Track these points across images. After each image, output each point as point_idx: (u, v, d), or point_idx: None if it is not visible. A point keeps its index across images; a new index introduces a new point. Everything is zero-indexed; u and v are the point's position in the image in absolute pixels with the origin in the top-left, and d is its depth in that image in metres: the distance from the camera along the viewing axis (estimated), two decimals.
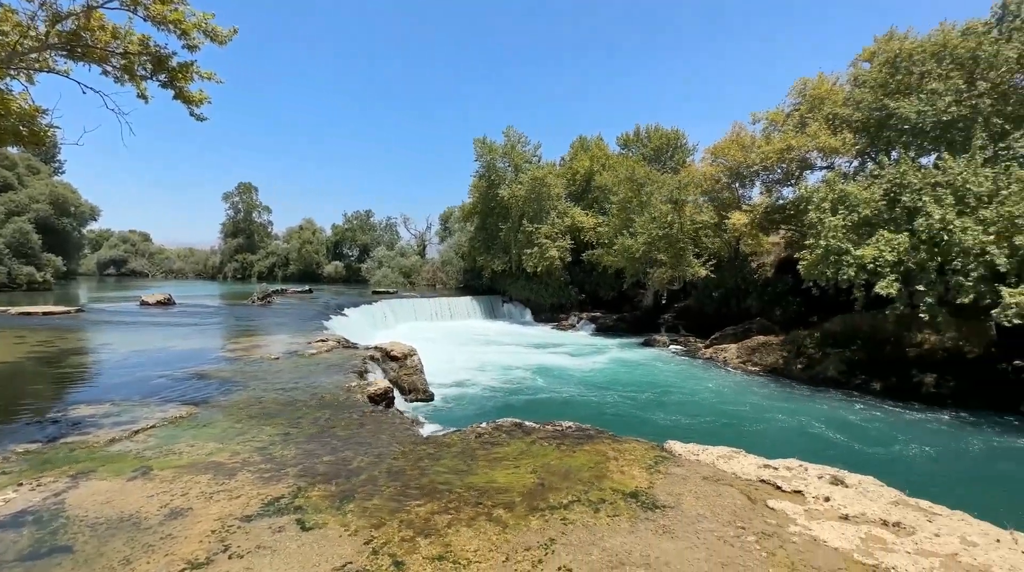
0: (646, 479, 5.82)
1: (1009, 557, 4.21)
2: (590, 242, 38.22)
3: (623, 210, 34.19)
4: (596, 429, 7.89)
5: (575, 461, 6.37)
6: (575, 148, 49.38)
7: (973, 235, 15.94)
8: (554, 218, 40.27)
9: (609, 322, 36.38)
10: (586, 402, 17.30)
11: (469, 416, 13.83)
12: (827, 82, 27.54)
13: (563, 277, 41.05)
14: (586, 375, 21.42)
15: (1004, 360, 17.68)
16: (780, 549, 4.34)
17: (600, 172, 42.32)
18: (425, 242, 73.86)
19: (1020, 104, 18.86)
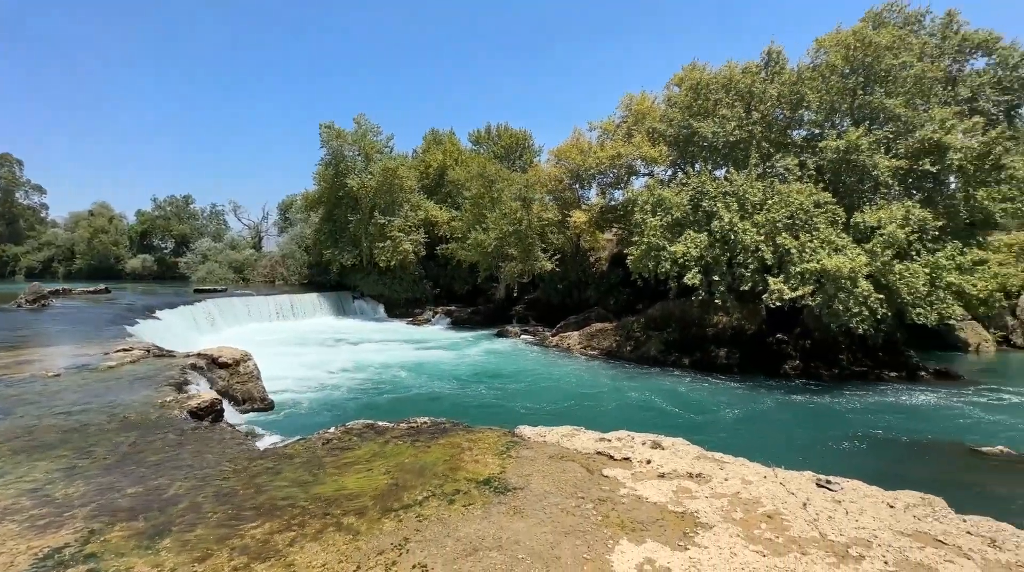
0: (498, 465, 6.06)
1: (772, 489, 5.37)
2: (444, 236, 38.34)
3: (476, 206, 34.96)
4: (451, 422, 7.96)
5: (430, 456, 6.35)
6: (428, 142, 48.88)
7: (750, 235, 19.86)
8: (407, 211, 39.42)
9: (464, 316, 37.01)
10: (443, 396, 17.37)
11: (317, 422, 12.85)
12: (648, 99, 31.65)
13: (417, 271, 40.50)
14: (442, 369, 21.49)
15: (771, 334, 22.47)
16: (612, 511, 4.90)
17: (453, 167, 42.59)
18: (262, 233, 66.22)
19: (780, 132, 24.00)
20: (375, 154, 40.94)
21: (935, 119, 20.22)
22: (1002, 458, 11.92)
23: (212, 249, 56.74)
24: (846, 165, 20.80)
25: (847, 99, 21.99)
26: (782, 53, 24.33)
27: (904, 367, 20.92)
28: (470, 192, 35.76)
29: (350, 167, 40.12)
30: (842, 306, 17.78)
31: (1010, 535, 4.47)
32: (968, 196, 20.12)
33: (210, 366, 12.75)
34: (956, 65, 24.55)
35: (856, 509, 4.92)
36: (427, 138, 49.33)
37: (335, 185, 40.68)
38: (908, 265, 18.47)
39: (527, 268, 32.49)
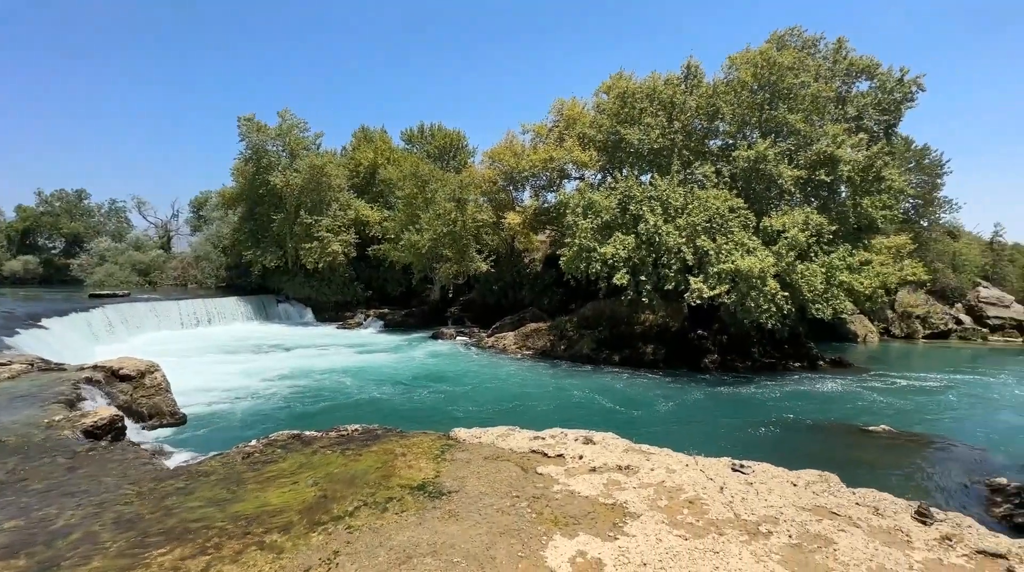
0: (433, 469, 5.98)
1: (693, 476, 5.72)
2: (376, 237, 37.21)
3: (409, 206, 34.29)
4: (384, 428, 7.75)
5: (361, 465, 6.14)
6: (358, 139, 47.28)
7: (673, 238, 21.06)
8: (336, 210, 37.86)
9: (398, 318, 36.17)
10: (377, 401, 16.86)
11: (237, 436, 12.00)
12: (578, 105, 32.64)
13: (348, 273, 39.02)
14: (376, 373, 20.86)
15: (693, 330, 23.93)
16: (546, 507, 4.99)
17: (385, 166, 41.49)
18: (171, 232, 60.77)
19: (698, 141, 25.66)
20: (301, 150, 38.97)
21: (828, 134, 22.56)
22: (885, 436, 13.50)
23: (112, 249, 51.12)
24: (755, 174, 22.64)
25: (756, 113, 23.95)
26: (700, 67, 26.05)
27: (806, 357, 23.11)
28: (403, 192, 35.01)
29: (273, 163, 37.89)
30: (753, 303, 19.32)
31: (889, 503, 5.07)
32: (855, 204, 22.61)
33: (109, 379, 11.50)
34: (845, 86, 27.53)
35: (765, 489, 5.36)
36: (357, 135, 47.69)
37: (256, 182, 38.24)
38: (808, 265, 20.45)
39: (462, 269, 32.35)
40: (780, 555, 4.16)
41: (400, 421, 13.06)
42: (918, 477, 10.94)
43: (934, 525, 4.59)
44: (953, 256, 36.48)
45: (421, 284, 37.47)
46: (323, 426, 7.97)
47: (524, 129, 34.67)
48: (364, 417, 10.97)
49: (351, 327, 35.35)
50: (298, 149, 38.79)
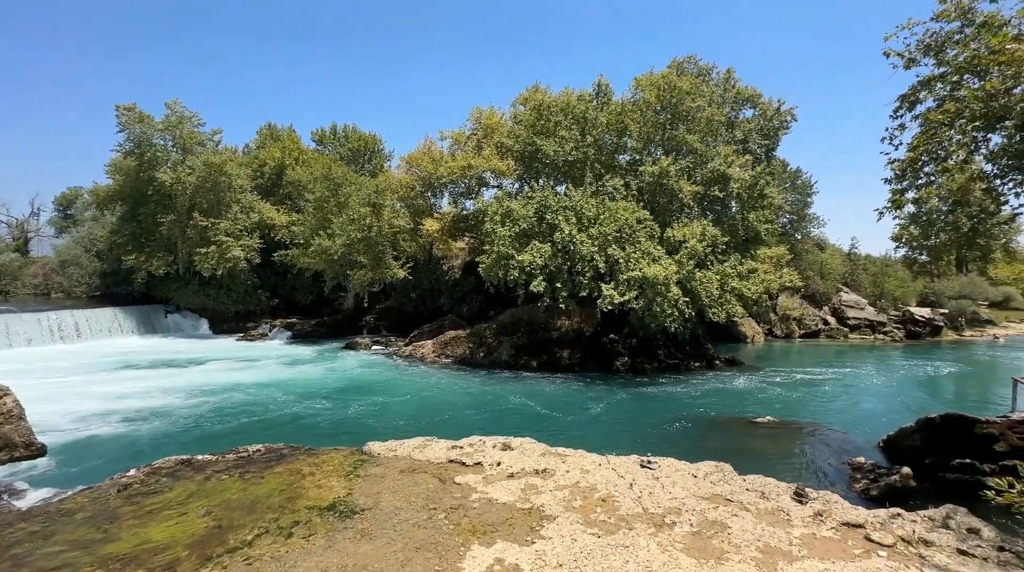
0: (345, 487, 5.68)
1: (606, 474, 5.97)
2: (283, 242, 34.81)
3: (320, 209, 32.55)
4: (291, 447, 7.24)
5: (263, 488, 5.67)
6: (263, 137, 44.18)
7: (586, 246, 21.99)
8: (237, 212, 34.93)
9: (308, 328, 34.08)
10: (284, 419, 15.70)
11: (111, 466, 10.55)
12: (496, 115, 33.11)
13: (251, 280, 36.11)
14: (283, 388, 19.44)
15: (605, 335, 25.08)
16: (464, 517, 4.93)
17: (293, 166, 39.09)
18: (29, 234, 52.37)
19: (609, 155, 27.12)
20: (195, 146, 35.53)
21: (721, 154, 24.92)
22: (770, 426, 15.04)
23: None
24: (659, 188, 24.37)
25: (659, 132, 25.84)
26: (609, 86, 27.64)
27: (705, 357, 25.14)
28: (313, 194, 33.15)
29: (160, 159, 34.15)
30: (659, 308, 20.70)
31: (773, 487, 5.64)
32: (744, 218, 25.13)
33: None
34: (733, 112, 30.63)
35: (670, 483, 5.73)
36: (262, 133, 44.56)
37: (140, 179, 34.20)
38: (705, 273, 22.33)
39: (378, 276, 31.30)
40: (683, 543, 4.45)
41: (310, 438, 12.28)
42: (797, 461, 12.30)
43: (809, 504, 5.18)
44: (821, 265, 41.75)
45: (334, 292, 35.64)
46: (215, 448, 7.27)
47: (442, 136, 34.52)
48: (270, 437, 10.16)
49: (254, 339, 32.68)
50: (191, 144, 35.32)
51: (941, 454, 10.81)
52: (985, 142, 7.87)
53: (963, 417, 11.03)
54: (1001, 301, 48.32)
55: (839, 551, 4.37)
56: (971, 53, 7.46)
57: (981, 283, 45.72)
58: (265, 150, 41.15)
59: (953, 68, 7.79)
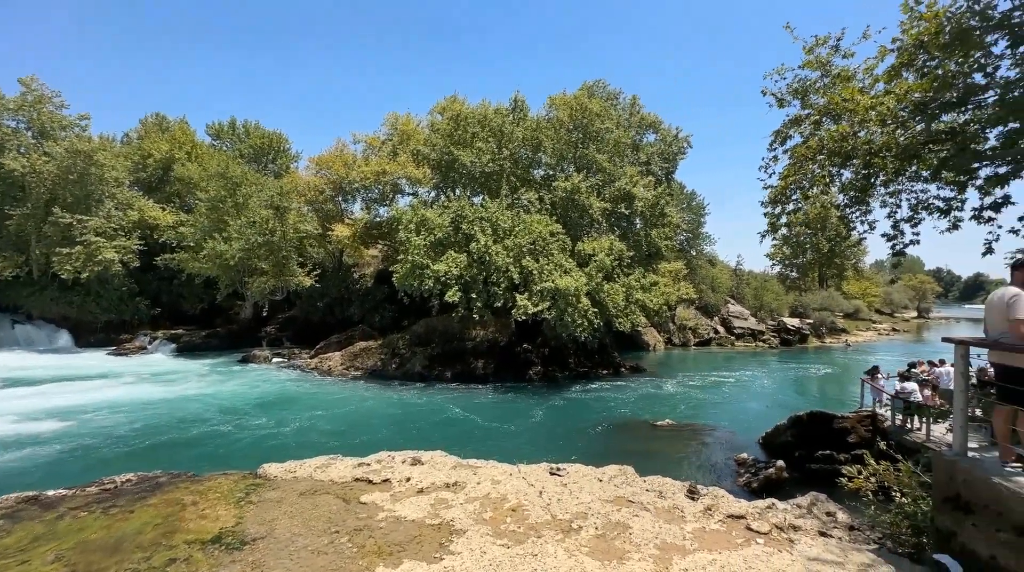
0: (234, 516, 5.16)
1: (517, 484, 6.01)
2: (169, 244, 31.29)
3: (215, 210, 29.80)
4: (170, 474, 6.44)
5: (132, 524, 4.98)
6: (148, 126, 39.69)
7: (502, 257, 22.29)
8: (111, 209, 30.87)
9: (197, 340, 30.84)
10: (164, 442, 13.97)
11: None
12: (413, 122, 32.65)
13: (127, 286, 31.96)
14: (164, 408, 17.34)
15: (519, 344, 25.48)
16: (369, 539, 4.69)
17: (184, 162, 35.46)
18: None
19: (524, 169, 27.85)
20: (56, 130, 30.94)
21: (627, 174, 26.65)
22: (669, 428, 16.15)
23: None
24: (571, 203, 25.45)
25: (572, 150, 27.06)
26: (525, 102, 28.50)
27: (612, 365, 26.46)
28: (207, 194, 30.27)
29: (8, 141, 29.26)
30: (570, 318, 21.50)
31: (670, 486, 6.04)
32: (646, 234, 27.03)
33: None
34: (637, 136, 32.97)
35: (577, 488, 5.90)
36: (147, 123, 40.02)
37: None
38: (612, 285, 23.61)
39: (281, 283, 29.24)
40: (588, 547, 4.60)
41: (196, 464, 11.06)
42: (691, 460, 13.32)
43: (700, 500, 5.60)
44: (712, 280, 46.03)
45: (229, 300, 32.65)
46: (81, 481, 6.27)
47: (356, 139, 33.32)
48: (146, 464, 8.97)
49: (130, 352, 28.86)
50: (52, 128, 30.71)
51: (808, 447, 12.29)
52: (839, 176, 9.19)
53: (824, 414, 12.65)
54: (853, 312, 56.42)
55: (724, 542, 4.77)
56: (828, 99, 8.70)
57: (837, 297, 53.08)
58: (150, 141, 36.93)
59: (815, 111, 9.02)
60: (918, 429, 11.26)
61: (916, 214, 8.68)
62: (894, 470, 6.08)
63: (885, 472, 6.15)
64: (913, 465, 5.96)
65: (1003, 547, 3.61)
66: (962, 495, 4.07)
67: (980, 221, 7.98)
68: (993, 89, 6.82)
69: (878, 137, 8.19)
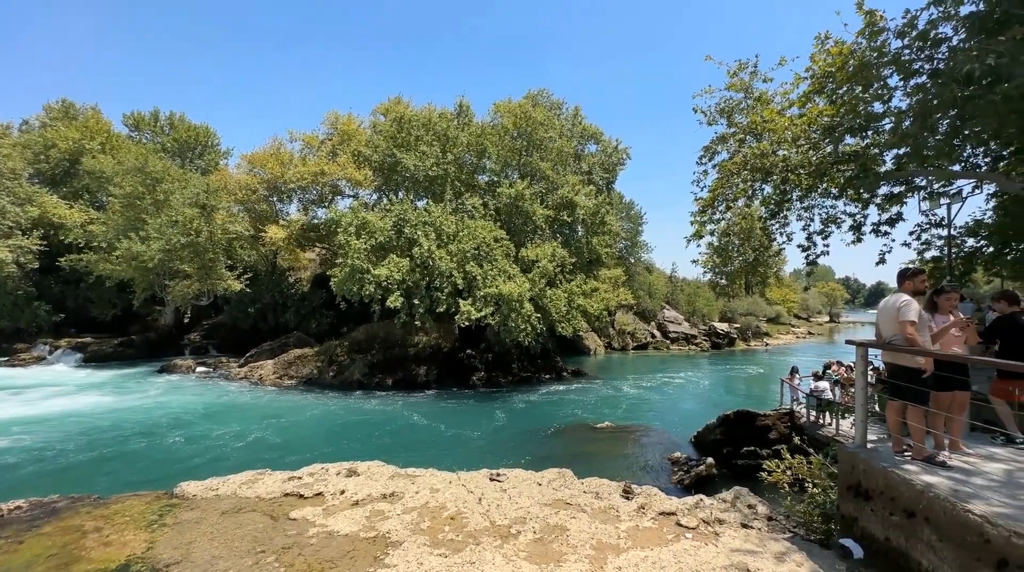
0: (145, 540, 4.73)
1: (456, 491, 5.94)
2: (76, 244, 28.42)
3: (131, 207, 27.43)
4: (70, 498, 5.82)
5: (21, 557, 4.44)
6: (53, 113, 35.98)
7: (445, 262, 22.08)
8: (5, 205, 27.64)
9: (108, 349, 28.17)
10: (64, 464, 12.60)
11: None
12: (355, 122, 31.74)
13: (23, 290, 28.67)
14: (66, 425, 15.65)
15: (463, 350, 25.31)
16: (299, 557, 4.46)
17: (95, 154, 32.42)
18: None
19: (469, 175, 27.81)
20: None
21: (569, 183, 27.27)
22: (608, 430, 16.60)
23: None
24: (515, 209, 25.69)
25: (516, 157, 27.35)
26: (470, 108, 28.50)
27: (554, 370, 26.88)
28: (122, 189, 27.81)
29: None
30: (514, 324, 21.62)
31: (606, 487, 6.19)
32: (588, 241, 27.75)
33: None
34: (580, 146, 33.88)
35: (517, 493, 5.92)
36: (51, 109, 36.27)
37: None
38: (555, 291, 24.02)
39: (206, 287, 27.34)
40: (527, 551, 4.62)
41: (103, 486, 10.10)
42: (628, 460, 13.75)
43: (634, 499, 5.78)
44: (649, 286, 48.03)
45: (146, 305, 30.11)
46: None
47: (293, 137, 31.92)
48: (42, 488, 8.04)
49: (25, 363, 25.88)
50: None
51: (735, 444, 13.04)
52: (761, 190, 9.91)
53: (748, 412, 13.49)
54: (774, 317, 60.78)
55: (656, 538, 4.95)
56: (750, 120, 9.37)
57: (761, 303, 56.99)
58: (54, 130, 33.49)
59: (739, 129, 9.69)
60: (829, 424, 12.28)
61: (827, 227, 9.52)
62: (807, 463, 6.58)
63: (799, 465, 6.64)
64: (823, 458, 6.48)
65: (895, 528, 4.00)
66: (862, 483, 4.47)
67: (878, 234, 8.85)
68: (888, 117, 7.63)
69: (794, 156, 8.92)
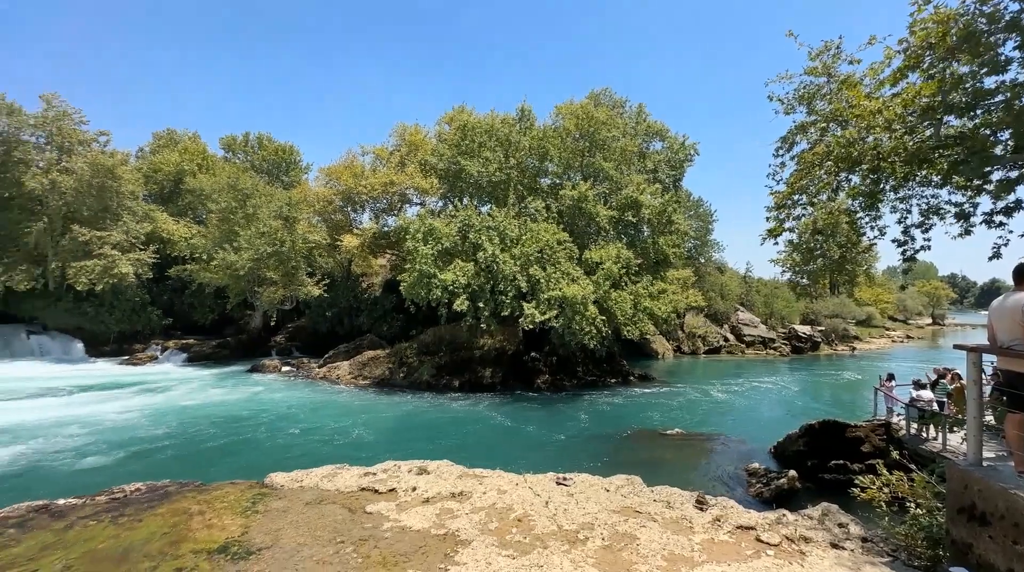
0: (241, 525, 5.17)
1: (523, 494, 5.97)
2: (181, 256, 31.75)
3: (225, 221, 30.21)
4: (178, 483, 6.48)
5: (140, 533, 5.00)
6: (160, 141, 40.47)
7: (509, 266, 22.31)
8: (129, 223, 31.37)
9: (207, 349, 31.11)
10: (173, 451, 14.07)
11: None
12: (421, 132, 32.98)
13: (139, 297, 32.38)
14: (174, 417, 17.47)
15: (527, 353, 25.41)
16: (375, 549, 4.67)
17: (195, 174, 36.06)
18: None
19: (531, 178, 27.93)
20: (76, 146, 31.59)
21: (633, 182, 26.61)
22: (678, 437, 15.96)
23: None
24: (578, 211, 25.45)
25: (578, 158, 27.12)
26: (532, 111, 28.65)
27: (620, 374, 26.27)
28: (218, 205, 30.72)
29: (29, 158, 29.91)
30: (578, 326, 21.40)
31: (678, 496, 5.95)
32: (654, 242, 26.91)
33: None
34: (644, 144, 32.95)
35: (584, 498, 5.84)
36: (159, 137, 40.81)
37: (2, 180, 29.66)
38: (620, 293, 23.50)
39: (290, 293, 29.48)
40: (595, 558, 4.54)
41: (205, 472, 11.12)
42: (701, 469, 13.14)
43: (708, 510, 5.51)
44: (721, 287, 45.69)
45: (238, 310, 32.97)
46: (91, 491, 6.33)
47: (364, 150, 33.70)
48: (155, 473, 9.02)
49: (141, 362, 29.20)
50: (71, 144, 31.36)
51: (821, 457, 12.07)
52: (847, 182, 9.11)
53: (837, 423, 12.44)
54: (865, 319, 55.65)
55: (734, 553, 4.68)
56: (834, 106, 8.66)
57: (849, 304, 52.41)
58: (161, 156, 37.64)
59: (821, 117, 8.98)
60: (934, 438, 11.03)
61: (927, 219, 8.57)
62: (908, 480, 5.95)
63: (899, 482, 6.02)
64: (928, 475, 5.83)
65: (1022, 561, 3.51)
66: (977, 506, 3.97)
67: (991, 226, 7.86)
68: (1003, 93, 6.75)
69: (886, 142, 8.12)
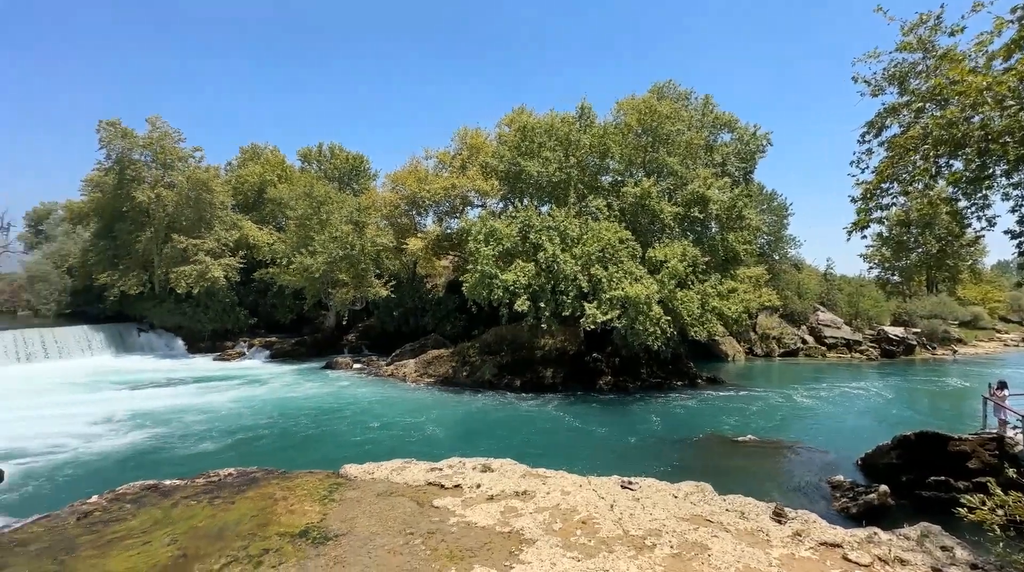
0: (319, 512, 5.50)
1: (587, 496, 5.90)
2: (264, 260, 34.38)
3: (302, 227, 32.31)
4: (264, 470, 7.02)
5: (233, 514, 5.46)
6: (246, 154, 43.98)
7: (570, 266, 22.13)
8: (220, 232, 34.40)
9: (287, 347, 33.43)
10: (259, 440, 15.25)
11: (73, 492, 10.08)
12: (481, 135, 33.52)
13: (229, 298, 35.38)
14: (260, 409, 18.94)
15: (588, 354, 25.09)
16: (442, 543, 4.81)
17: (275, 184, 38.87)
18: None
19: (592, 177, 27.54)
20: (176, 162, 35.07)
21: (700, 177, 25.50)
22: (751, 445, 15.11)
23: None
24: (641, 209, 24.77)
25: (641, 154, 26.39)
26: (592, 109, 28.21)
27: (686, 376, 25.27)
28: (295, 212, 32.92)
29: (139, 175, 33.56)
30: (641, 327, 20.82)
31: (752, 507, 5.63)
32: (723, 238, 25.63)
33: None
34: (711, 136, 31.48)
35: (651, 504, 5.68)
36: (245, 151, 44.36)
37: (118, 195, 33.53)
38: (686, 292, 22.60)
39: (360, 294, 31.00)
40: (663, 566, 4.40)
41: (286, 461, 11.94)
42: (777, 479, 12.35)
43: (787, 523, 5.17)
44: (798, 285, 42.64)
45: (314, 310, 35.15)
46: (191, 473, 7.01)
47: (428, 155, 34.77)
48: (243, 459, 9.82)
49: (231, 358, 31.91)
50: (172, 160, 34.84)
51: (917, 471, 10.96)
52: (948, 167, 8.21)
53: (937, 435, 11.24)
54: (970, 320, 49.76)
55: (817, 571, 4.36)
56: (933, 83, 7.82)
57: (951, 303, 47.06)
58: (246, 168, 40.94)
59: (916, 97, 8.15)
60: None
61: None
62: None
63: (1016, 504, 5.33)
64: None
65: None
66: None
67: None
68: None
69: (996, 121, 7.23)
